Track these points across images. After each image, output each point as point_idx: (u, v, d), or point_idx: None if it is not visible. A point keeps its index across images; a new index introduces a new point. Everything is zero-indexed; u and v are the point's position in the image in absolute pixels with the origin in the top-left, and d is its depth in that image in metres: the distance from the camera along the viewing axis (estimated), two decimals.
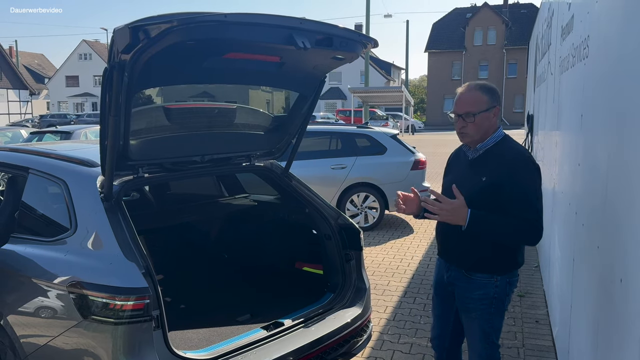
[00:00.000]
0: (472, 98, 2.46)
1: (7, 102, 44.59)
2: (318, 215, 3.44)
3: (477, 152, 2.52)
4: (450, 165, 2.75)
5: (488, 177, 2.41)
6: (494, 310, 2.52)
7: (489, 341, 2.56)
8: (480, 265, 2.49)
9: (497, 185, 2.38)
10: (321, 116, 34.59)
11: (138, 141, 2.75)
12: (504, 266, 2.50)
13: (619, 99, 1.97)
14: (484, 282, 2.49)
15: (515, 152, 2.46)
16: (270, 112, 3.49)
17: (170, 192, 4.64)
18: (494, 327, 2.56)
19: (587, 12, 2.74)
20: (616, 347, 1.87)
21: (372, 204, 7.84)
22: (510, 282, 2.52)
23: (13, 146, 3.79)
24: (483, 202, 2.38)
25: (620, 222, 1.85)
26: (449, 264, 2.63)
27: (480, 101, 2.45)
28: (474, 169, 2.51)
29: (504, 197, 2.35)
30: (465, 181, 2.49)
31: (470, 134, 2.48)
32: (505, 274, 2.50)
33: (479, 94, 2.46)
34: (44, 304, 2.55)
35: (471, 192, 2.41)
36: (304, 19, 2.47)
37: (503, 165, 2.40)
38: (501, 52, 48.72)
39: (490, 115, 2.46)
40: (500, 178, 2.38)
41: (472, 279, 2.51)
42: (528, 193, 2.35)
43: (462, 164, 2.62)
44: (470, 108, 2.44)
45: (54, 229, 2.76)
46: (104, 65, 2.33)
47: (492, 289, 2.49)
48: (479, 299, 2.51)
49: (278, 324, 2.94)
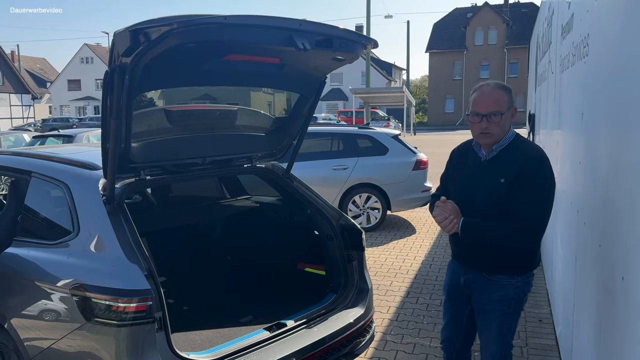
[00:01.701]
0: (493, 97, 2.40)
1: (9, 107, 44.72)
2: (320, 216, 3.44)
3: (492, 153, 2.45)
4: (456, 166, 2.66)
5: (506, 178, 2.36)
6: (512, 311, 2.50)
7: (504, 342, 2.54)
8: (501, 266, 2.46)
9: (513, 184, 2.34)
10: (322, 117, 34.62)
11: (140, 144, 2.76)
12: (523, 267, 2.48)
13: (620, 97, 1.97)
14: (504, 283, 2.46)
15: (532, 150, 2.43)
16: (272, 113, 3.50)
17: (172, 194, 4.65)
18: (511, 327, 2.55)
19: (587, 11, 2.74)
20: (619, 345, 1.87)
21: (374, 204, 7.84)
22: (528, 282, 2.51)
23: (16, 150, 3.81)
24: (502, 204, 2.35)
25: (622, 220, 1.85)
26: (467, 267, 2.58)
27: (502, 101, 2.39)
28: (489, 170, 2.44)
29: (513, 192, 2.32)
30: (480, 183, 2.43)
31: (494, 135, 2.41)
32: (524, 275, 2.48)
33: (501, 93, 2.41)
34: (47, 306, 2.56)
35: (490, 195, 2.38)
36: (304, 21, 2.47)
37: (520, 163, 2.35)
38: (502, 52, 48.69)
39: (509, 116, 2.42)
40: (516, 176, 2.34)
41: (492, 280, 2.48)
42: (533, 191, 2.32)
43: (472, 165, 2.54)
44: (498, 107, 2.38)
45: (56, 232, 2.77)
46: (105, 69, 2.34)
47: (512, 290, 2.46)
48: (498, 300, 2.48)
49: (281, 324, 2.95)
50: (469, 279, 2.57)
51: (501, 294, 2.47)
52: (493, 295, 2.49)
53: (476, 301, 2.57)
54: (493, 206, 2.36)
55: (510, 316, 2.51)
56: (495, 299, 2.48)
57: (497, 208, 2.36)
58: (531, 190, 2.32)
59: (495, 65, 48.94)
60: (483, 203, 2.40)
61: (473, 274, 2.55)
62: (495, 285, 2.48)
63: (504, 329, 2.52)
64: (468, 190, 2.49)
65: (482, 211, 2.41)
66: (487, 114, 2.38)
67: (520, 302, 2.51)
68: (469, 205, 2.44)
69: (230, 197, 4.52)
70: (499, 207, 2.35)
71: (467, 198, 2.46)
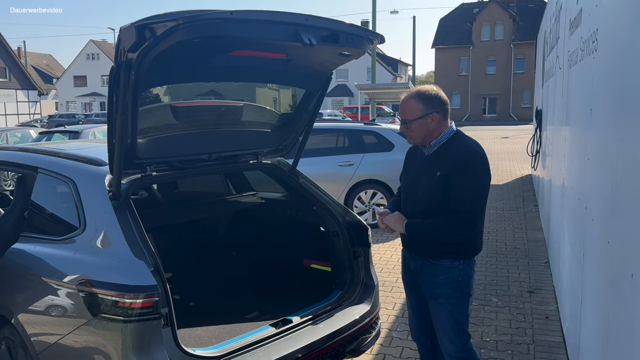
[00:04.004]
0: (406, 106, 2.64)
1: (16, 103, 44.89)
2: (326, 213, 3.43)
3: (432, 149, 2.66)
4: (407, 163, 2.87)
5: (442, 171, 2.54)
6: (460, 295, 2.65)
7: (460, 329, 2.67)
8: (443, 251, 2.63)
9: (447, 178, 2.51)
10: (328, 113, 34.55)
11: (145, 140, 2.76)
12: (463, 252, 2.65)
13: (630, 93, 1.94)
14: (447, 266, 2.64)
15: (465, 146, 2.59)
16: (277, 109, 3.49)
17: (178, 190, 4.65)
18: (463, 312, 2.68)
19: (596, 5, 2.71)
20: (627, 342, 1.86)
21: (379, 200, 7.82)
22: (470, 264, 2.68)
23: (22, 146, 3.82)
24: (439, 196, 2.54)
25: (631, 217, 1.84)
26: (415, 253, 2.76)
27: (414, 109, 2.60)
28: (429, 165, 2.64)
29: (448, 188, 2.51)
30: (422, 177, 2.65)
31: (413, 137, 2.67)
32: (466, 259, 2.65)
33: (414, 102, 2.61)
34: (53, 302, 2.56)
35: (428, 187, 2.59)
36: (310, 16, 2.46)
37: (453, 158, 2.54)
38: (509, 47, 48.38)
39: (427, 122, 2.59)
40: (449, 170, 2.51)
41: (436, 264, 2.66)
42: (465, 185, 2.49)
43: (418, 160, 2.75)
44: (405, 116, 2.64)
45: (63, 228, 2.78)
46: (111, 65, 2.33)
47: (455, 272, 2.63)
48: (444, 283, 2.64)
49: (286, 321, 2.94)
50: (417, 265, 2.75)
51: (446, 276, 2.64)
52: (438, 278, 2.65)
53: (425, 287, 2.74)
54: (431, 198, 2.57)
55: (459, 300, 2.66)
56: (441, 282, 2.65)
57: (435, 200, 2.56)
58: (462, 185, 2.50)
59: (502, 61, 48.66)
60: (423, 195, 2.62)
61: (420, 260, 2.72)
62: (439, 269, 2.65)
63: (456, 314, 2.66)
64: (412, 184, 2.72)
65: (423, 203, 2.62)
66: (402, 120, 2.67)
67: (465, 285, 2.66)
68: (412, 198, 2.70)
69: (236, 194, 4.52)
70: (436, 199, 2.55)
71: (412, 191, 2.71)
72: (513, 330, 4.17)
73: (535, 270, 5.59)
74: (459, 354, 2.68)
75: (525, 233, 7.20)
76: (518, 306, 4.64)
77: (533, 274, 5.48)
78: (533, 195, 9.89)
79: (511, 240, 6.79)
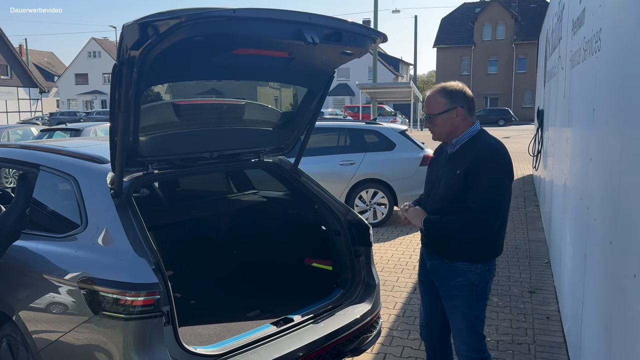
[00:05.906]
0: (431, 101, 2.63)
1: (17, 100, 44.94)
2: (327, 211, 3.43)
3: (454, 147, 2.64)
4: (432, 161, 2.87)
5: (461, 169, 2.52)
6: (475, 298, 2.61)
7: (473, 330, 2.64)
8: (461, 253, 2.60)
9: (466, 175, 2.50)
10: (329, 112, 34.55)
11: (147, 137, 2.76)
12: (482, 254, 2.60)
13: (632, 93, 1.94)
14: (464, 269, 2.59)
15: (486, 144, 2.56)
16: (279, 108, 3.49)
17: (179, 188, 4.65)
18: (477, 315, 2.64)
19: (599, 5, 2.71)
20: (629, 343, 1.85)
21: (381, 200, 7.82)
22: (489, 269, 2.63)
23: (24, 143, 3.82)
24: (459, 194, 2.52)
25: (634, 217, 1.83)
26: (432, 253, 2.74)
27: (438, 104, 2.59)
28: (451, 163, 2.62)
29: (467, 186, 2.49)
30: (443, 175, 2.64)
31: (436, 133, 2.66)
32: (484, 262, 2.60)
33: (439, 96, 2.61)
34: (55, 299, 2.56)
35: (448, 185, 2.57)
36: (313, 14, 2.46)
37: (473, 155, 2.52)
38: (510, 47, 48.37)
39: (451, 116, 2.58)
40: (468, 168, 2.50)
41: (453, 266, 2.62)
42: (483, 184, 2.46)
43: (442, 158, 2.74)
44: (430, 110, 2.63)
45: (64, 225, 2.78)
46: (113, 63, 2.33)
47: (472, 276, 2.59)
48: (459, 286, 2.61)
49: (288, 319, 2.94)
50: (434, 265, 2.72)
51: (462, 279, 2.60)
52: (454, 280, 2.62)
53: (440, 286, 2.71)
54: (450, 196, 2.55)
55: (474, 303, 2.61)
56: (457, 285, 2.61)
57: (455, 198, 2.53)
58: (481, 184, 2.47)
59: (504, 60, 48.65)
60: (443, 193, 2.59)
61: (437, 260, 2.70)
62: (456, 271, 2.61)
63: (470, 317, 2.62)
64: (434, 182, 2.71)
65: (443, 201, 2.59)
66: (426, 116, 2.67)
67: (482, 290, 2.61)
68: (433, 196, 2.68)
69: (238, 192, 4.52)
70: (455, 197, 2.52)
71: (434, 188, 2.69)
72: (514, 330, 4.17)
73: (536, 270, 5.59)
74: (470, 354, 2.66)
75: (527, 233, 7.20)
76: (519, 306, 4.64)
77: (534, 274, 5.48)
78: (534, 195, 9.88)
79: (512, 240, 6.78)
